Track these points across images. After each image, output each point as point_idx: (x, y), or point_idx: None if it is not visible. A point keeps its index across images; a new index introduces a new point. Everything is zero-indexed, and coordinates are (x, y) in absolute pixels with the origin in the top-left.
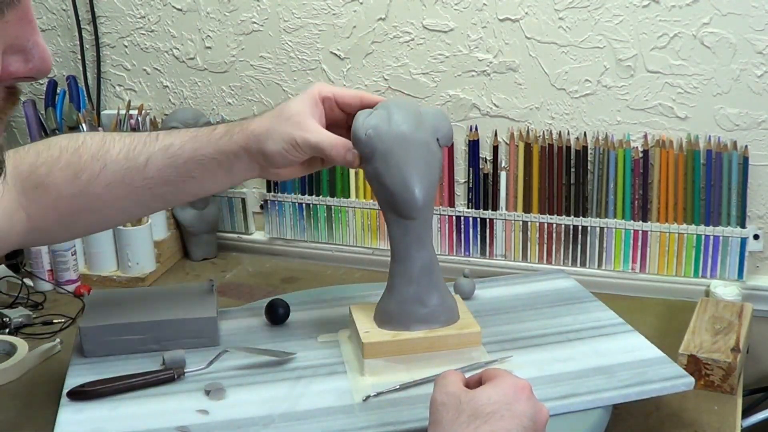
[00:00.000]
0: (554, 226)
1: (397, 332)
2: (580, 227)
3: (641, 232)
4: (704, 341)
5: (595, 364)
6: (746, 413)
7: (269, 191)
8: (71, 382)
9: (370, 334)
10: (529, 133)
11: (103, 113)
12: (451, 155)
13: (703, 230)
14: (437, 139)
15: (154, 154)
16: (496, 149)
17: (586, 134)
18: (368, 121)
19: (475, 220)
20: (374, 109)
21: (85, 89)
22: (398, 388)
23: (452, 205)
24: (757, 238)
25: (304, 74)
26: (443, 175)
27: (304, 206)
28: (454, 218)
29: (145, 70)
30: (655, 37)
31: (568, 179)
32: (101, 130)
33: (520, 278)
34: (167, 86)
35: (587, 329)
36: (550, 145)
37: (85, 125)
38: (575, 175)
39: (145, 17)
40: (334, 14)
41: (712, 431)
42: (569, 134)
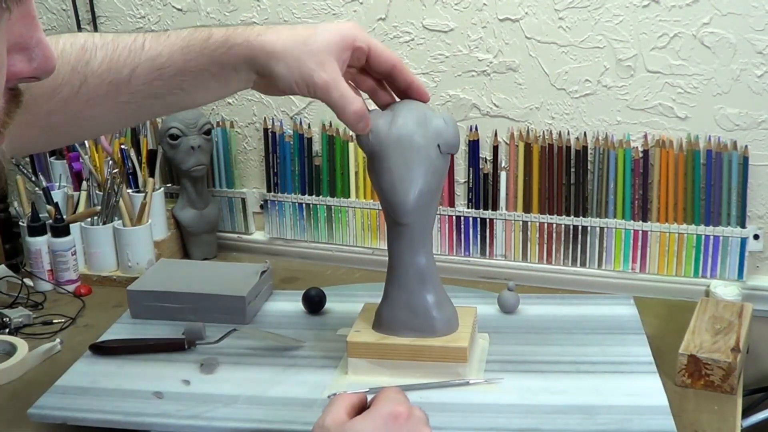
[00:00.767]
0: (554, 226)
1: (384, 336)
2: (580, 227)
3: (641, 232)
4: (704, 341)
5: (583, 401)
6: (746, 413)
7: (269, 191)
8: (105, 336)
9: (359, 333)
10: (529, 133)
11: None
12: (451, 155)
13: (703, 230)
14: (438, 145)
15: (140, 64)
16: (496, 149)
17: (586, 134)
18: (373, 121)
19: (475, 220)
20: (386, 109)
21: None
22: (368, 391)
23: (452, 205)
24: (757, 238)
25: None
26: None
27: (304, 206)
28: (454, 218)
29: None
30: (655, 37)
31: (568, 179)
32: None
33: (579, 298)
34: None
35: (607, 363)
36: (550, 145)
37: None
38: (575, 175)
39: (145, 17)
40: (334, 14)
41: (712, 431)
42: (569, 134)
